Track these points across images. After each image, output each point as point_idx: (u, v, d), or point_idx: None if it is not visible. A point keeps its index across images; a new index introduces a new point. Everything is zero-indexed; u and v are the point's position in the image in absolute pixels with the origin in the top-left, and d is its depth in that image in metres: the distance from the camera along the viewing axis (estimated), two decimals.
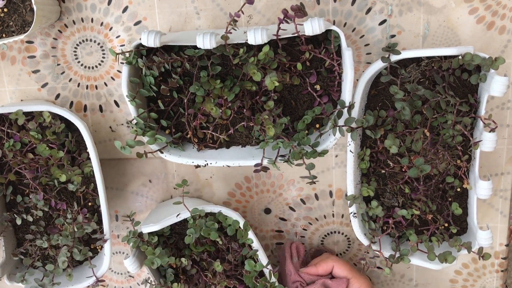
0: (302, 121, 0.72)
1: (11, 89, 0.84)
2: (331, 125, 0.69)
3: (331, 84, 0.72)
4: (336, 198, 0.86)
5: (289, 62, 0.70)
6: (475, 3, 0.74)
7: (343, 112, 0.69)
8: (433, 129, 0.74)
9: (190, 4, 0.78)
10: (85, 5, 0.79)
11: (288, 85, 0.73)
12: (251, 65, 0.66)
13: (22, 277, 0.82)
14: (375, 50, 0.78)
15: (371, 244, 0.78)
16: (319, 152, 0.70)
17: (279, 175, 0.86)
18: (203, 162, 0.75)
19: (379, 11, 0.76)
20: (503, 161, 0.81)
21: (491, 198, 0.84)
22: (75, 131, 0.79)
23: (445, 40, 0.76)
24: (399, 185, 0.77)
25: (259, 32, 0.65)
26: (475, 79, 0.70)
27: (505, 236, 0.86)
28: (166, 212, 0.80)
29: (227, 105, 0.71)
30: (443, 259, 0.74)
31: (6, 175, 0.81)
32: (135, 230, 0.77)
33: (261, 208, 0.88)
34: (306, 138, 0.71)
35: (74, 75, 0.83)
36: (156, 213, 0.83)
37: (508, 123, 0.80)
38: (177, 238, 0.83)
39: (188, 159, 0.75)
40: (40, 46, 0.82)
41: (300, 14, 0.61)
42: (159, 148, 0.74)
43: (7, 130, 0.79)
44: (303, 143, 0.71)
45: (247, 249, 0.79)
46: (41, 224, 0.84)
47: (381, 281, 0.92)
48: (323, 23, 0.64)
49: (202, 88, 0.70)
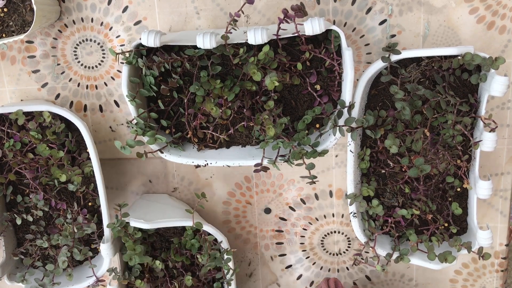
0: (302, 121, 0.72)
1: (11, 89, 0.84)
2: (331, 125, 0.69)
3: (331, 84, 0.72)
4: (336, 198, 0.86)
5: (289, 62, 0.70)
6: (475, 3, 0.74)
7: (343, 112, 0.69)
8: (433, 129, 0.74)
9: (190, 4, 0.78)
10: (85, 5, 0.79)
11: (288, 85, 0.73)
12: (251, 65, 0.66)
13: (22, 277, 0.82)
14: (375, 50, 0.78)
15: (369, 242, 0.78)
16: (319, 152, 0.70)
17: (279, 175, 0.86)
18: (203, 162, 0.74)
19: (379, 11, 0.76)
20: (503, 161, 0.81)
21: (491, 198, 0.83)
22: (75, 131, 0.79)
23: (445, 40, 0.76)
24: (399, 185, 0.77)
25: (259, 32, 0.65)
26: (475, 79, 0.70)
27: (505, 236, 0.86)
28: (158, 211, 0.80)
29: (227, 105, 0.71)
30: (443, 259, 0.74)
31: (6, 175, 0.81)
32: (122, 220, 0.77)
33: (261, 208, 0.88)
34: (306, 138, 0.71)
35: (74, 75, 0.83)
36: (142, 207, 0.82)
37: (508, 123, 0.80)
38: (158, 239, 0.84)
39: (188, 159, 0.75)
40: (40, 46, 0.81)
41: (300, 14, 0.61)
42: (159, 148, 0.74)
43: (7, 130, 0.79)
44: (303, 143, 0.71)
45: (221, 274, 0.81)
46: (41, 224, 0.84)
47: (381, 281, 0.92)
48: (323, 23, 0.64)
49: (202, 88, 0.70)
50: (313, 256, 0.91)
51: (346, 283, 0.92)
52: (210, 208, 0.89)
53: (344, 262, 0.91)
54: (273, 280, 0.93)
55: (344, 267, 0.91)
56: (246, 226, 0.90)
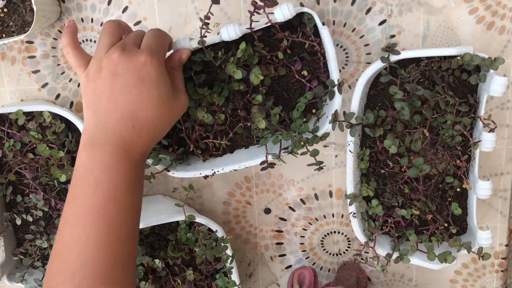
0: (296, 109, 0.71)
1: (11, 89, 0.84)
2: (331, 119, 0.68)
3: (317, 67, 0.72)
4: (336, 198, 0.86)
5: (269, 54, 0.70)
6: (475, 3, 0.74)
7: (334, 92, 0.68)
8: (433, 129, 0.74)
9: (190, 4, 0.78)
10: (85, 5, 0.79)
11: (276, 77, 0.72)
12: (229, 65, 0.66)
13: (22, 277, 0.82)
14: (375, 50, 0.78)
15: (369, 242, 0.78)
16: (321, 136, 0.69)
17: (279, 175, 0.86)
18: (210, 172, 0.74)
19: (379, 11, 0.76)
20: (502, 161, 0.82)
21: (491, 198, 0.83)
22: (75, 131, 0.80)
23: (445, 40, 0.76)
24: (399, 185, 0.77)
25: (231, 27, 0.65)
26: (474, 79, 0.70)
27: (505, 236, 0.86)
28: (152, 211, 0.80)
29: (220, 110, 0.71)
30: (443, 259, 0.74)
31: (6, 175, 0.81)
32: None
33: (261, 208, 0.88)
34: (303, 125, 0.70)
35: (74, 75, 0.83)
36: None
37: (508, 123, 0.80)
38: (155, 238, 0.83)
39: (196, 172, 0.74)
40: (40, 46, 0.82)
41: (270, 4, 0.61)
42: (165, 167, 0.74)
43: (7, 130, 0.79)
44: (302, 131, 0.70)
45: (221, 264, 0.80)
46: (41, 224, 0.84)
47: (381, 281, 0.92)
48: (292, 7, 0.64)
49: (192, 99, 0.70)
50: (313, 256, 0.91)
51: None
52: (210, 208, 0.89)
53: (344, 262, 0.91)
54: (273, 280, 0.93)
55: None
56: (246, 226, 0.90)
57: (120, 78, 0.56)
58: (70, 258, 0.52)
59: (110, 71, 0.56)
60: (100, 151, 0.55)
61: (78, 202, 0.54)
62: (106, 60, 0.56)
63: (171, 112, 0.60)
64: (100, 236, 0.53)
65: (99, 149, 0.55)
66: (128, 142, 0.56)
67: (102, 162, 0.55)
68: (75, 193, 0.55)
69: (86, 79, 0.57)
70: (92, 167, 0.55)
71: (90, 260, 0.52)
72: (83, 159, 0.55)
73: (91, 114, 0.57)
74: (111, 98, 0.56)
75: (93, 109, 0.57)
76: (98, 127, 0.56)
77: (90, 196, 0.54)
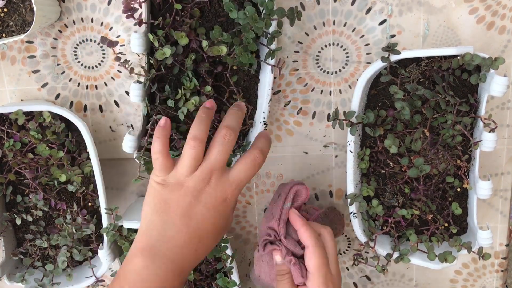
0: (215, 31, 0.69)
1: (11, 89, 0.84)
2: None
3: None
4: (336, 198, 0.86)
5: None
6: (475, 3, 0.74)
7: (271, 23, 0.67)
8: (433, 129, 0.74)
9: None
10: (85, 5, 0.79)
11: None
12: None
13: (22, 277, 0.82)
14: (375, 50, 0.78)
15: (369, 242, 0.78)
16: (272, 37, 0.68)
17: (279, 175, 0.86)
18: None
19: (379, 11, 0.76)
20: (503, 161, 0.82)
21: (491, 198, 0.83)
22: (75, 131, 0.79)
23: (445, 40, 0.76)
24: (399, 185, 0.77)
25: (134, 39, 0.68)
26: (475, 79, 0.70)
27: (505, 236, 0.86)
28: None
29: (203, 94, 0.72)
30: (443, 259, 0.74)
31: (6, 175, 0.81)
32: (115, 224, 0.77)
33: (261, 208, 0.88)
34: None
35: (74, 75, 0.83)
36: (137, 210, 0.82)
37: (508, 123, 0.80)
38: None
39: None
40: (40, 46, 0.82)
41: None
42: None
43: (7, 130, 0.79)
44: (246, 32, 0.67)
45: (222, 264, 0.80)
46: (41, 224, 0.84)
47: (381, 281, 0.92)
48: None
49: (182, 108, 0.71)
50: None
51: (346, 283, 0.92)
52: None
53: (344, 262, 0.91)
54: None
55: (344, 267, 0.91)
56: (246, 226, 0.90)
57: (199, 205, 0.57)
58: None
59: (192, 194, 0.57)
60: (159, 264, 0.56)
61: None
62: (192, 183, 0.57)
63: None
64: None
65: (159, 261, 0.56)
66: (187, 264, 0.58)
67: (157, 276, 0.55)
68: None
69: (161, 186, 0.58)
70: (146, 279, 0.55)
71: None
72: (140, 266, 0.56)
73: (158, 221, 0.57)
74: (184, 218, 0.57)
75: (162, 217, 0.57)
76: (164, 239, 0.56)
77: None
